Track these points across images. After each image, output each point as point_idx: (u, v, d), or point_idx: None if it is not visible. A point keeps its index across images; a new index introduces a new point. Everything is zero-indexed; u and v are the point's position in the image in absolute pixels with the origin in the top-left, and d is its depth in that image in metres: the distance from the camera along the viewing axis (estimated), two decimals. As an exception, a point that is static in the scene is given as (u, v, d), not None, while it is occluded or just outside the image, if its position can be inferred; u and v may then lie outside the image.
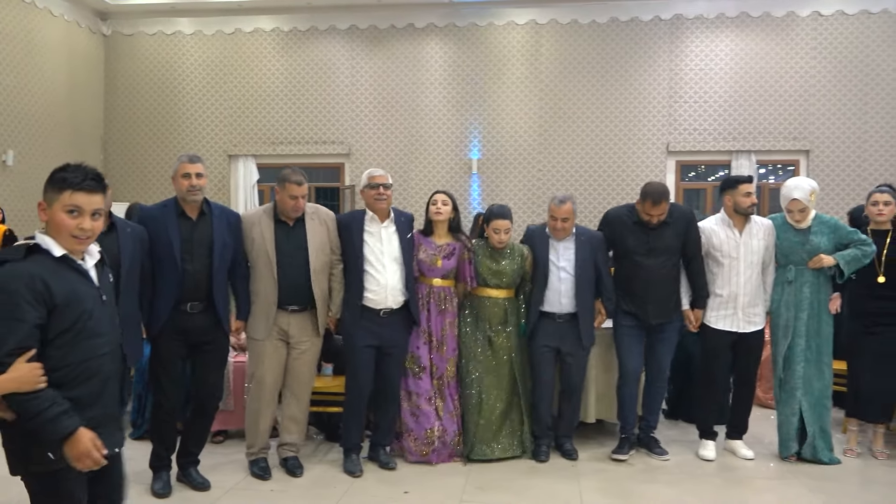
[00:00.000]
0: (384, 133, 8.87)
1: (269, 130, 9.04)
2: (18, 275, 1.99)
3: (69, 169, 2.12)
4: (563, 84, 8.62)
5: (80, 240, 2.10)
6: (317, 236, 4.11)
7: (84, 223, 2.08)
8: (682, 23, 8.47)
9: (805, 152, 8.29)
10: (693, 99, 8.44)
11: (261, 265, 4.02)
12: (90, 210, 2.10)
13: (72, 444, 2.01)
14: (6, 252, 2.09)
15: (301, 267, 4.05)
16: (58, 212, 2.07)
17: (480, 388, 4.39)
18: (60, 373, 2.04)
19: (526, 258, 4.42)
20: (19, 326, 1.96)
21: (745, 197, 4.35)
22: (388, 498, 3.86)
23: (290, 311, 4.07)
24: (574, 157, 8.58)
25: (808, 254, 4.30)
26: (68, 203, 2.07)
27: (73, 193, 2.07)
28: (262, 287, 4.03)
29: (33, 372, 1.95)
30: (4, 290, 1.97)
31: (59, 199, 2.07)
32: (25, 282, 1.98)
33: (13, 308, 1.96)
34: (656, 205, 4.26)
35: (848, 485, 4.07)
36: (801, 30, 8.30)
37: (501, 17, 8.71)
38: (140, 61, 9.25)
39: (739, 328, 4.39)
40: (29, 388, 1.95)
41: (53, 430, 1.99)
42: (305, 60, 8.99)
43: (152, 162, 9.18)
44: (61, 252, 2.08)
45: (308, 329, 4.13)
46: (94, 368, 2.10)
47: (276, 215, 4.10)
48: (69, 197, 2.07)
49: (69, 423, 2.00)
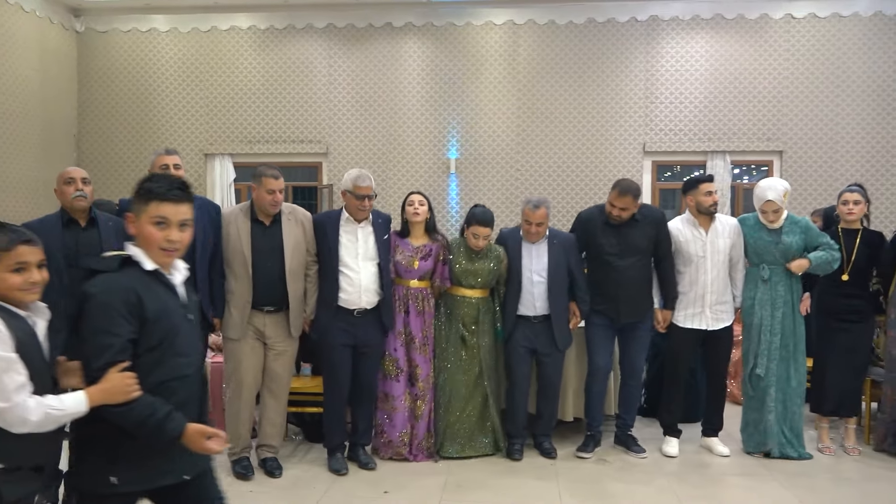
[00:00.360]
0: (362, 132, 8.85)
1: (245, 129, 8.98)
2: (114, 288, 1.96)
3: (154, 179, 2.09)
4: (540, 84, 8.66)
5: (168, 252, 2.06)
6: (293, 237, 4.09)
7: (171, 234, 2.04)
8: (657, 24, 8.55)
9: (778, 153, 8.41)
10: (669, 100, 8.53)
11: (236, 264, 4.00)
12: (177, 221, 2.06)
13: (187, 443, 1.97)
14: (101, 262, 2.07)
15: (276, 267, 4.03)
16: (145, 224, 2.03)
17: (452, 386, 4.41)
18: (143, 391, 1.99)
19: (501, 260, 4.44)
20: (114, 341, 1.91)
21: (706, 196, 4.43)
22: (368, 498, 3.87)
23: (265, 311, 4.06)
24: (551, 156, 8.63)
25: (781, 253, 4.38)
26: (155, 214, 2.02)
27: (160, 204, 2.03)
28: (238, 286, 4.01)
29: (125, 381, 1.90)
30: (101, 302, 1.93)
31: (145, 211, 2.03)
32: (121, 295, 1.94)
33: (108, 322, 1.92)
34: (621, 195, 4.31)
35: (820, 479, 4.14)
36: (774, 32, 8.41)
37: (479, 17, 8.72)
38: (114, 59, 9.13)
39: (708, 326, 4.46)
40: (121, 398, 1.90)
41: (161, 437, 1.95)
42: (282, 59, 8.94)
43: (127, 160, 9.07)
44: (153, 266, 2.04)
45: (284, 329, 4.12)
46: (173, 389, 2.03)
47: (253, 214, 4.08)
48: (156, 208, 2.03)
49: (174, 427, 1.95)
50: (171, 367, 2.03)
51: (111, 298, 1.93)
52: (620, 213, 4.33)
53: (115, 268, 2.02)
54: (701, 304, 4.44)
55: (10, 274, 1.95)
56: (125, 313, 1.93)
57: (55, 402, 1.88)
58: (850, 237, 4.48)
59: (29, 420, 1.85)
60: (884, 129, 8.25)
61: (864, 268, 4.46)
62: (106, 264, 2.04)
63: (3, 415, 1.84)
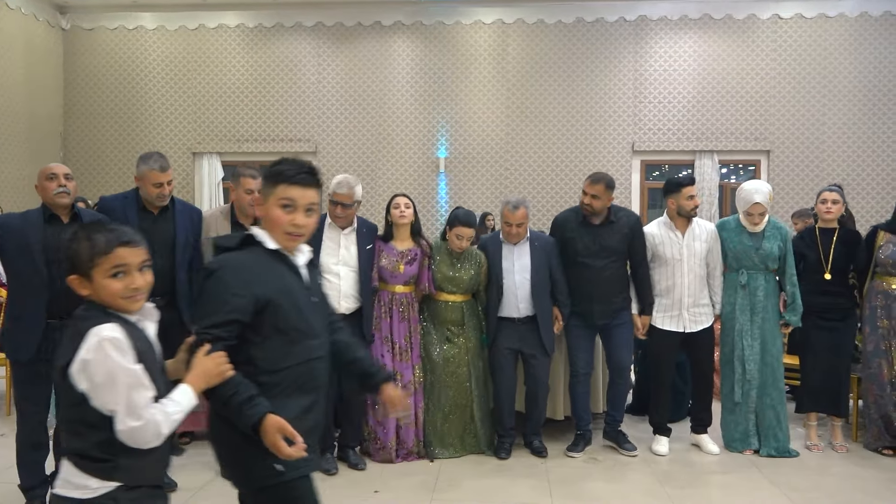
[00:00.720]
0: (351, 131, 8.83)
1: (234, 128, 8.94)
2: (232, 265, 1.93)
3: (284, 162, 2.04)
4: (529, 83, 8.67)
5: (293, 236, 2.01)
6: None
7: (297, 219, 1.99)
8: (646, 24, 8.58)
9: (766, 152, 8.47)
10: (657, 99, 8.56)
11: None
12: (304, 205, 2.00)
13: (262, 435, 1.85)
14: (222, 239, 2.05)
15: None
16: (272, 206, 1.99)
17: (438, 388, 4.40)
18: (277, 376, 1.94)
19: (482, 266, 4.44)
20: (221, 317, 1.88)
21: (687, 200, 4.45)
22: (358, 497, 3.86)
23: None
24: (540, 156, 8.64)
25: (761, 258, 4.42)
26: (282, 197, 1.98)
27: (288, 187, 1.99)
28: None
29: (216, 362, 1.84)
30: (217, 278, 1.91)
31: (273, 193, 1.99)
32: (238, 273, 1.91)
33: (220, 303, 1.89)
34: (593, 183, 4.37)
35: (808, 477, 4.17)
36: (761, 32, 8.46)
37: (469, 15, 8.72)
38: (101, 56, 9.06)
39: (686, 328, 4.49)
40: (218, 379, 1.84)
41: (241, 422, 1.86)
42: (271, 57, 8.91)
43: (114, 159, 9.01)
44: (275, 245, 2.00)
45: None
46: (309, 373, 1.99)
47: (234, 217, 4.03)
48: (283, 190, 1.98)
49: (252, 413, 1.85)
50: (303, 349, 1.98)
51: (228, 276, 1.91)
52: (592, 200, 4.36)
53: (235, 245, 1.98)
54: (678, 307, 4.48)
55: (111, 280, 1.76)
56: (239, 290, 1.89)
57: (173, 406, 1.78)
58: (828, 236, 4.52)
59: (162, 433, 1.74)
60: (869, 128, 8.32)
61: (842, 266, 4.51)
62: (227, 241, 2.01)
63: (138, 433, 1.70)
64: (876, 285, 4.50)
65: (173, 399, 1.78)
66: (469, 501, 3.82)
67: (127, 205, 3.73)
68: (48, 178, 3.45)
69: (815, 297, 4.49)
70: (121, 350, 1.68)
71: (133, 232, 1.82)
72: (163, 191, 3.71)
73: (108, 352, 1.66)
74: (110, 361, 1.66)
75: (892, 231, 4.49)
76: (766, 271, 4.46)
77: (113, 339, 1.68)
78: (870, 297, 4.53)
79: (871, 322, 4.50)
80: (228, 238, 2.04)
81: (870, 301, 4.52)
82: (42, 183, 3.46)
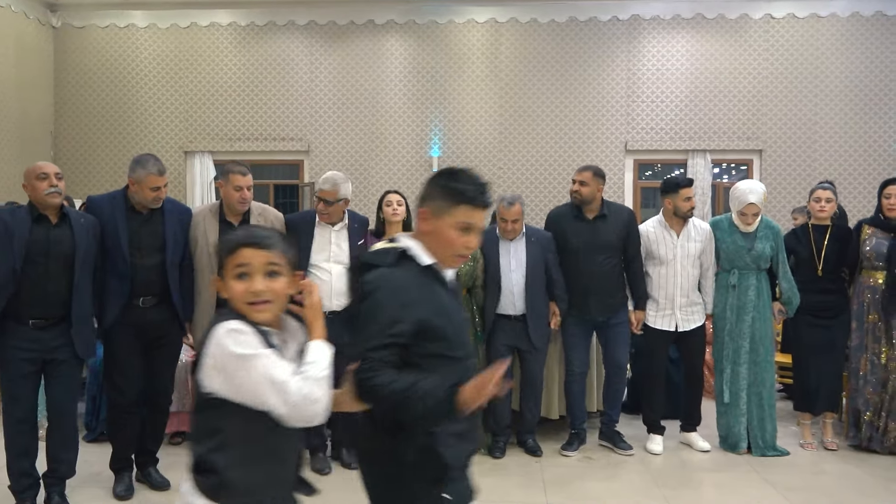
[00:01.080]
0: (344, 130, 8.80)
1: (226, 126, 8.90)
2: (392, 285, 1.79)
3: (462, 179, 1.86)
4: (522, 82, 8.67)
5: (461, 258, 1.89)
6: None
7: (472, 241, 1.85)
8: (639, 23, 8.59)
9: (758, 152, 8.49)
10: (650, 98, 8.57)
11: (203, 266, 3.91)
12: (481, 227, 1.88)
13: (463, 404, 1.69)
14: (375, 256, 1.89)
15: None
16: (448, 227, 1.82)
17: None
18: None
19: (478, 261, 4.43)
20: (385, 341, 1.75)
21: (685, 201, 4.46)
22: (351, 497, 3.83)
23: None
24: (534, 155, 8.64)
25: (753, 259, 4.43)
26: (463, 220, 1.82)
27: (471, 210, 1.83)
28: (205, 287, 3.94)
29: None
30: (376, 300, 1.78)
31: (451, 214, 1.82)
32: (396, 294, 1.78)
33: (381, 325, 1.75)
34: (581, 171, 4.48)
35: (801, 474, 4.18)
36: (753, 32, 8.48)
37: (461, 14, 8.71)
38: (92, 55, 9.01)
39: (678, 327, 4.50)
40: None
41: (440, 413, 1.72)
42: (263, 56, 8.87)
43: (105, 158, 8.95)
44: (431, 261, 1.86)
45: None
46: None
47: (222, 214, 4.00)
48: (465, 213, 1.82)
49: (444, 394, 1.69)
50: (461, 370, 1.83)
51: (385, 296, 1.78)
52: (580, 187, 4.42)
53: (392, 262, 1.84)
54: (671, 306, 4.49)
55: (235, 281, 1.64)
56: (399, 313, 1.76)
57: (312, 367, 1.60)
58: (820, 233, 4.54)
59: (320, 398, 1.58)
60: (861, 128, 8.35)
61: (834, 263, 4.52)
62: (381, 258, 1.86)
63: (296, 411, 1.55)
64: (863, 280, 4.52)
65: (308, 361, 1.62)
66: (463, 501, 3.81)
67: (115, 205, 3.69)
68: (39, 178, 3.39)
69: (809, 295, 4.50)
70: (246, 336, 1.57)
71: (266, 234, 1.68)
72: (159, 194, 3.68)
73: (233, 339, 1.56)
74: (238, 347, 1.55)
75: (875, 225, 4.52)
76: (758, 271, 4.46)
77: (237, 328, 1.57)
78: (857, 292, 4.55)
79: (859, 318, 4.52)
80: (381, 255, 1.88)
81: (858, 297, 4.54)
82: (32, 182, 3.40)
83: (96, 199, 3.85)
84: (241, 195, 3.91)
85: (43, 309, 3.38)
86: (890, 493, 3.92)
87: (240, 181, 3.90)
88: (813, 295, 4.51)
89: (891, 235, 4.42)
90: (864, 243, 4.48)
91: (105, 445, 3.91)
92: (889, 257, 4.37)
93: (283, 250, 1.66)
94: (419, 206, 1.92)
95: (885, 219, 4.46)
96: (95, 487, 3.83)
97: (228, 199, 3.94)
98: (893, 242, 4.39)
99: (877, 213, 4.55)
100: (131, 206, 3.71)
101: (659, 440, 4.59)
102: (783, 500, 3.81)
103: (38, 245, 3.36)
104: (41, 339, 3.38)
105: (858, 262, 4.55)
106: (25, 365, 3.36)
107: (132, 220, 3.69)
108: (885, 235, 4.44)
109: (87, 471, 3.87)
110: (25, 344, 3.35)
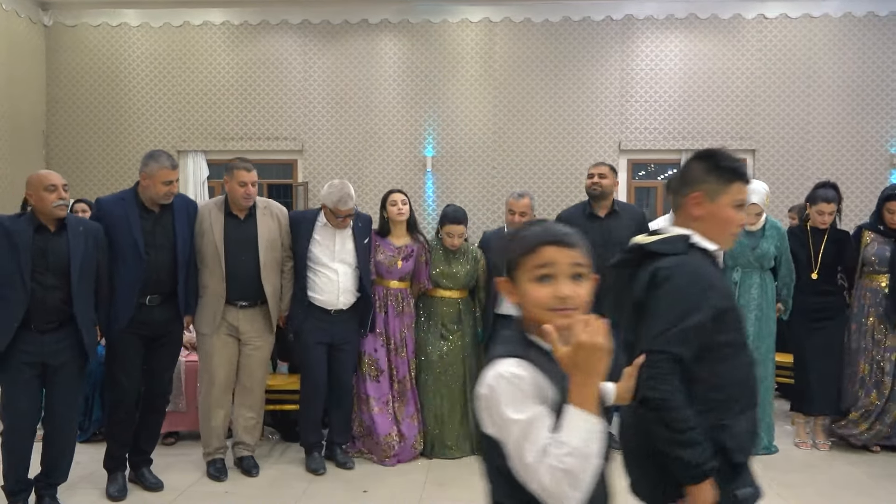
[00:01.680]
0: (338, 129, 8.78)
1: (219, 126, 8.87)
2: (687, 271, 1.76)
3: (727, 157, 1.90)
4: (516, 82, 8.66)
5: (734, 236, 1.91)
6: (267, 231, 4.04)
7: (744, 218, 1.92)
8: (633, 23, 8.59)
9: (751, 151, 8.51)
10: (644, 98, 8.58)
11: (209, 259, 3.93)
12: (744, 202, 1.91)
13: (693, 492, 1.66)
14: (663, 245, 1.86)
15: (251, 262, 3.97)
16: (725, 206, 1.85)
17: (435, 387, 4.38)
18: (727, 391, 1.75)
19: (479, 262, 4.42)
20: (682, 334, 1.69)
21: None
22: (347, 498, 3.83)
23: (239, 306, 4.00)
24: (528, 154, 8.64)
25: (757, 258, 4.44)
26: (738, 197, 1.86)
27: (743, 186, 1.87)
28: (211, 281, 3.95)
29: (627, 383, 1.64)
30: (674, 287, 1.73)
31: (727, 192, 1.85)
32: (696, 281, 1.75)
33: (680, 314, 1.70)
34: (596, 165, 4.52)
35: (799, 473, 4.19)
36: (746, 32, 8.50)
37: (455, 14, 8.70)
38: (84, 53, 8.96)
39: None
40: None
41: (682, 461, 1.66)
42: (257, 55, 8.84)
43: (97, 157, 8.90)
44: (714, 246, 1.86)
45: (259, 326, 4.06)
46: (753, 383, 1.82)
47: (227, 208, 4.02)
48: (739, 190, 1.86)
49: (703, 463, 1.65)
50: (746, 356, 1.82)
51: (683, 282, 1.74)
52: (599, 179, 4.44)
53: (683, 250, 1.82)
54: None
55: (534, 284, 1.40)
56: (700, 301, 1.72)
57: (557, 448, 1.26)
58: (818, 236, 4.57)
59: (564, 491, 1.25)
60: (853, 127, 8.38)
61: (831, 265, 4.55)
62: (670, 246, 1.84)
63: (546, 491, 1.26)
64: (864, 283, 4.55)
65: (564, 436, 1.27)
66: (459, 501, 3.80)
67: (127, 206, 3.69)
68: (47, 189, 3.34)
69: (806, 297, 4.53)
70: (522, 387, 1.31)
71: (567, 231, 1.45)
72: (171, 188, 3.71)
73: (508, 391, 1.31)
74: (509, 407, 1.30)
75: (873, 230, 4.54)
76: (762, 270, 4.47)
77: (516, 375, 1.32)
78: (858, 295, 4.58)
79: (859, 320, 4.54)
80: (668, 243, 1.84)
81: (858, 299, 4.57)
82: (39, 193, 3.35)
83: (106, 200, 3.82)
84: (245, 190, 3.94)
85: (44, 317, 3.35)
86: (884, 490, 3.94)
87: (244, 177, 3.93)
88: (810, 297, 4.53)
89: (892, 240, 4.47)
90: (865, 248, 4.51)
91: (98, 446, 3.89)
92: (892, 261, 4.41)
93: (587, 250, 1.45)
94: (687, 193, 1.89)
95: (886, 229, 4.50)
96: (89, 488, 3.81)
97: (233, 194, 3.97)
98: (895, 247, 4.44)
99: (875, 221, 4.57)
100: (142, 205, 3.71)
101: None
102: (778, 498, 3.82)
103: (39, 255, 3.33)
104: (42, 342, 3.35)
105: (858, 265, 4.58)
106: (26, 369, 3.34)
107: (146, 220, 3.71)
108: (887, 240, 4.49)
109: (79, 472, 3.85)
110: (26, 347, 3.33)
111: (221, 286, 3.93)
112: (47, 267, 3.34)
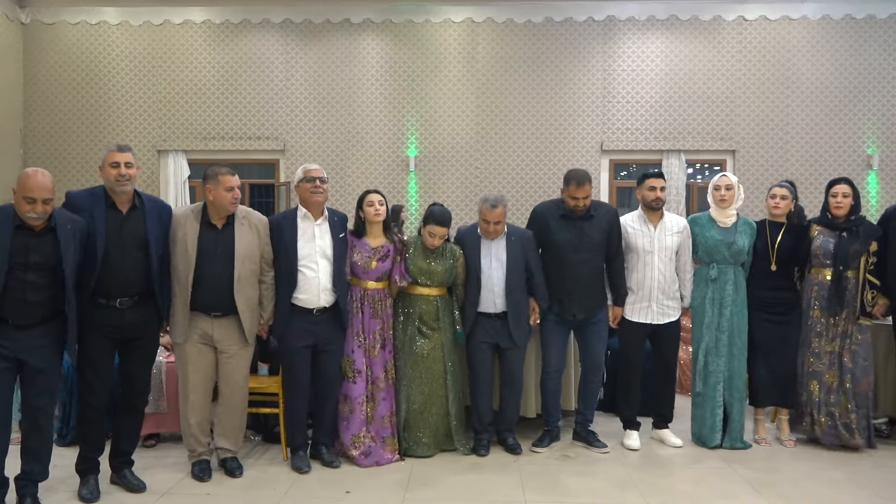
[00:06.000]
0: (320, 129, 8.76)
1: (200, 125, 8.81)
2: None
3: None
4: (499, 82, 8.69)
5: None
6: (245, 243, 3.96)
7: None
8: (614, 24, 8.65)
9: (731, 152, 8.59)
10: (626, 99, 8.64)
11: (181, 267, 3.86)
12: None
13: None
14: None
15: (224, 273, 3.88)
16: None
17: (412, 384, 4.38)
18: None
19: (458, 259, 4.43)
20: None
21: (648, 191, 4.54)
22: (330, 497, 3.82)
23: (212, 315, 3.94)
24: (510, 154, 8.66)
25: (732, 254, 4.50)
26: None
27: None
28: (179, 289, 3.89)
29: None
30: None
31: None
32: None
33: None
34: (580, 186, 4.36)
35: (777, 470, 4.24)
36: (727, 34, 8.58)
37: (438, 14, 8.70)
38: (62, 52, 8.86)
39: (654, 320, 4.55)
40: None
41: None
42: (238, 54, 8.79)
43: (76, 157, 8.81)
44: None
45: (234, 335, 3.99)
46: None
47: (205, 217, 3.96)
48: None
49: None
50: None
51: None
52: (585, 202, 4.38)
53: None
54: (647, 299, 4.53)
55: None
56: None
57: None
58: (776, 229, 4.63)
59: None
60: (831, 128, 8.49)
61: (786, 259, 4.61)
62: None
63: None
64: (811, 277, 4.63)
65: None
66: (442, 500, 3.80)
67: (95, 201, 3.61)
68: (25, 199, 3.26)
69: (763, 291, 4.60)
70: None
71: None
72: (120, 171, 3.58)
73: None
74: None
75: (822, 224, 4.62)
76: (736, 266, 4.55)
77: None
78: (805, 289, 4.65)
79: (807, 313, 4.62)
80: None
81: (806, 293, 4.64)
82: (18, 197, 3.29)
83: (75, 194, 3.73)
84: (233, 195, 3.89)
85: (22, 315, 3.32)
86: (857, 486, 3.99)
87: (231, 181, 3.88)
88: (766, 291, 4.60)
89: (837, 233, 4.53)
90: (813, 241, 4.59)
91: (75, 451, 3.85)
92: (835, 255, 4.48)
93: None
94: None
95: (832, 217, 4.57)
96: (62, 491, 3.78)
97: (220, 200, 3.89)
98: (839, 241, 4.50)
99: (823, 211, 4.65)
100: (112, 204, 3.64)
101: (635, 436, 4.62)
102: (759, 497, 3.86)
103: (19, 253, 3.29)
104: (18, 338, 3.32)
105: (808, 259, 4.65)
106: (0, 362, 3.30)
107: (112, 219, 3.61)
108: (832, 233, 4.55)
109: (56, 475, 3.81)
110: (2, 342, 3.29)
111: (187, 295, 3.86)
112: (27, 264, 3.29)
